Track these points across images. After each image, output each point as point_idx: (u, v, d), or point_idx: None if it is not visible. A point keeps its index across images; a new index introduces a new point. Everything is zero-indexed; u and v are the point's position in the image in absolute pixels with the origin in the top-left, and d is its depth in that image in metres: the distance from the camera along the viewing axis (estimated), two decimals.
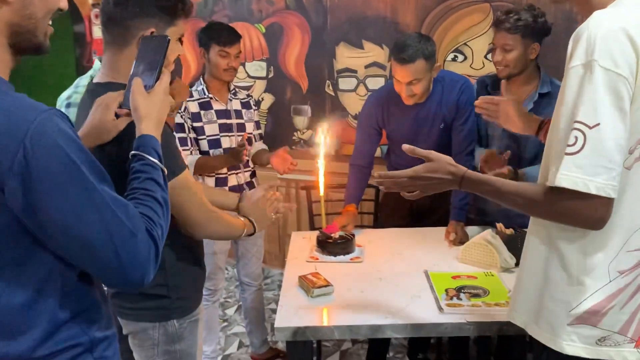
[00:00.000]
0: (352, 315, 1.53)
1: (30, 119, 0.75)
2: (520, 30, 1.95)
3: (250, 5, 3.41)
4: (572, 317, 1.07)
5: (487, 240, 1.84)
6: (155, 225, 0.89)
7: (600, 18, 0.98)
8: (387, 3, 3.03)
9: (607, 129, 0.95)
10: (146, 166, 0.95)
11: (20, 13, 0.82)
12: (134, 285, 0.85)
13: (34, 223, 0.78)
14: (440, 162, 1.20)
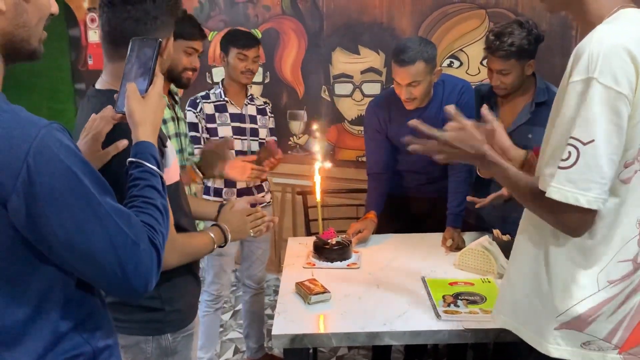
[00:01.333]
0: (349, 322, 1.53)
1: (32, 136, 0.75)
2: (515, 55, 1.92)
3: (246, 10, 3.41)
4: (558, 322, 1.09)
5: (484, 247, 1.84)
6: (157, 233, 0.88)
7: (602, 35, 0.99)
8: (383, 9, 3.04)
9: (601, 145, 0.97)
10: (145, 173, 0.95)
11: (13, 22, 0.81)
12: (138, 294, 0.85)
13: (38, 238, 0.78)
14: (470, 134, 1.19)
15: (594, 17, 1.07)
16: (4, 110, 0.77)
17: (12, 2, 0.80)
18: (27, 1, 0.82)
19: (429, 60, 2.02)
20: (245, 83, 2.43)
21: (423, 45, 2.03)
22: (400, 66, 2.01)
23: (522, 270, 1.19)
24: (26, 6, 0.82)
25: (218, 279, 2.48)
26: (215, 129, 2.41)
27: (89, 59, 4.00)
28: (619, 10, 1.05)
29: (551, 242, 1.11)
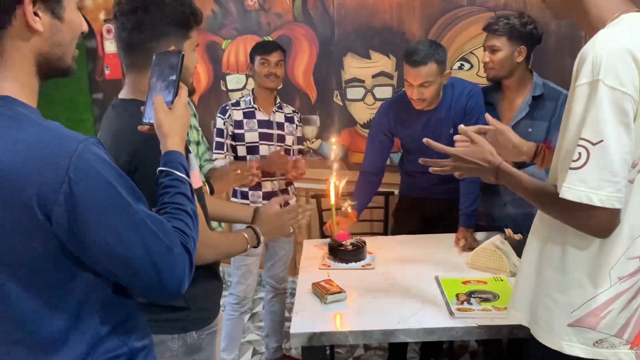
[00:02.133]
0: (365, 320, 1.57)
1: (71, 151, 0.80)
2: (507, 33, 2.06)
3: (258, 18, 3.47)
4: (572, 318, 1.12)
5: (496, 246, 1.87)
6: (189, 237, 0.93)
7: (605, 38, 1.03)
8: (393, 13, 3.09)
9: (611, 145, 1.00)
10: (175, 181, 0.99)
11: (49, 41, 0.86)
12: (172, 296, 0.90)
13: (79, 246, 0.83)
14: (481, 148, 1.26)
15: (597, 21, 1.10)
16: (44, 127, 0.82)
17: (49, 23, 0.85)
18: (61, 21, 0.87)
19: (440, 62, 2.09)
20: (270, 87, 2.55)
21: (434, 47, 2.10)
22: (412, 67, 2.08)
23: (535, 268, 1.21)
24: (61, 26, 0.87)
25: (244, 280, 2.57)
26: (243, 134, 2.53)
27: (105, 69, 4.09)
28: (621, 15, 1.08)
29: (566, 241, 1.13)
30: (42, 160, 0.78)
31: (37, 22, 0.83)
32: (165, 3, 1.24)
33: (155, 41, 1.23)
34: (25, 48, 0.85)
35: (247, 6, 3.49)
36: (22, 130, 0.80)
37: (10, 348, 0.87)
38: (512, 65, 2.11)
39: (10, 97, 0.84)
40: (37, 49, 0.86)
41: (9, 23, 0.82)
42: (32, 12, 0.82)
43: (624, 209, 1.07)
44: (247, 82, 3.57)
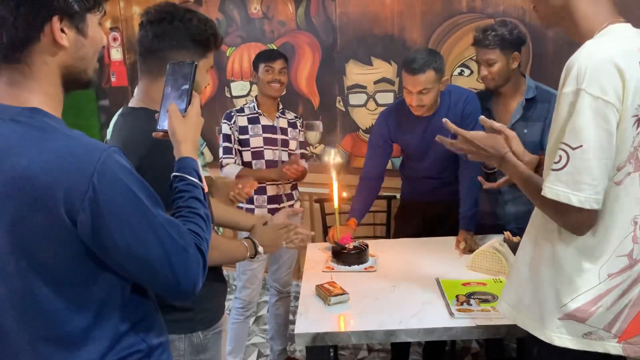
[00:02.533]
0: (367, 321, 1.62)
1: (95, 159, 0.85)
2: (499, 44, 2.12)
3: (262, 26, 3.54)
4: (562, 312, 1.17)
5: (495, 248, 1.91)
6: (202, 239, 0.99)
7: (591, 48, 1.08)
8: (394, 21, 3.14)
9: (590, 150, 1.06)
10: (188, 186, 1.05)
11: (74, 55, 0.92)
12: (188, 296, 0.95)
13: (102, 249, 0.88)
14: (493, 137, 1.34)
15: (586, 32, 1.16)
16: (70, 137, 0.88)
17: (74, 39, 0.91)
18: (85, 37, 0.93)
19: (437, 69, 2.16)
20: (273, 94, 2.61)
21: (432, 55, 2.17)
22: (411, 75, 2.15)
23: (529, 265, 1.27)
24: (85, 41, 0.93)
25: (250, 284, 2.61)
26: (248, 139, 2.59)
27: (112, 77, 4.16)
28: (608, 26, 1.14)
29: (559, 239, 1.19)
30: (69, 168, 0.84)
31: (63, 38, 0.89)
32: (190, 20, 1.30)
33: (173, 52, 1.29)
34: (52, 62, 0.90)
35: (251, 14, 3.55)
36: (49, 140, 0.86)
37: (36, 344, 0.92)
38: (508, 73, 2.18)
39: (38, 109, 0.89)
40: (62, 63, 0.91)
41: (38, 39, 0.88)
42: (60, 28, 0.88)
43: (614, 208, 1.12)
44: (251, 89, 3.63)
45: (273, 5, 3.47)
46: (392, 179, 3.03)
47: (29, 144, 0.85)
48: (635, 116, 1.08)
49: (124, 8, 4.04)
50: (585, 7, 1.16)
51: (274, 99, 2.65)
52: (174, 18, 1.29)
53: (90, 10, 0.93)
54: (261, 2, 3.50)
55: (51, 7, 0.87)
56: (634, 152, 1.11)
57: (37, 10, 0.86)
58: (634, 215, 1.15)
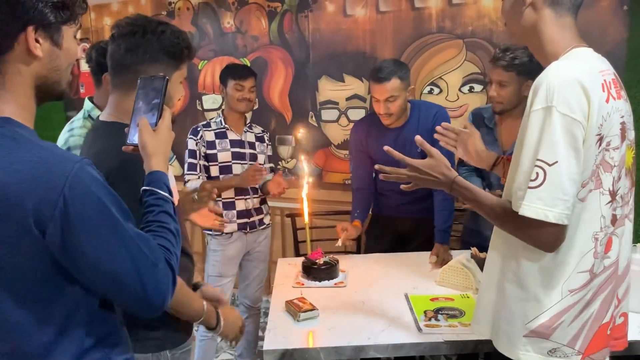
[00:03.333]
0: (336, 337, 1.62)
1: (67, 170, 0.84)
2: (516, 68, 2.05)
3: (235, 40, 3.55)
4: (527, 329, 1.19)
5: (463, 264, 1.94)
6: (172, 254, 0.98)
7: (557, 69, 1.12)
8: (366, 39, 3.20)
9: (562, 166, 1.08)
10: (159, 200, 1.04)
11: (48, 66, 0.91)
12: (156, 311, 0.94)
13: (71, 261, 0.87)
14: (438, 162, 1.33)
15: (550, 54, 1.21)
16: (42, 147, 0.86)
17: (48, 49, 0.90)
18: (60, 48, 0.92)
19: (403, 77, 2.23)
20: (242, 111, 2.61)
21: (397, 65, 2.25)
22: (377, 83, 2.22)
23: (494, 282, 1.29)
24: (59, 52, 0.92)
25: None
26: (216, 154, 2.57)
27: (80, 88, 4.10)
28: (572, 49, 1.19)
29: (523, 256, 1.21)
30: (40, 178, 0.83)
31: (37, 48, 0.88)
32: (163, 32, 1.28)
33: (146, 65, 1.27)
34: (26, 72, 0.90)
35: (224, 28, 3.56)
36: (21, 150, 0.85)
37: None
38: (519, 99, 2.11)
39: (10, 119, 0.88)
40: (36, 73, 0.91)
41: (12, 48, 0.87)
42: (34, 39, 0.88)
43: (576, 225, 1.16)
44: (223, 102, 3.62)
45: (246, 20, 3.49)
46: None
47: (0, 154, 0.84)
48: (598, 135, 1.12)
49: (94, 19, 4.00)
50: (552, 31, 1.21)
51: (242, 113, 2.65)
52: (146, 31, 1.27)
53: (66, 22, 0.92)
54: (234, 17, 3.52)
55: (26, 17, 0.87)
56: (595, 170, 1.15)
57: (11, 20, 0.86)
58: (595, 232, 1.18)
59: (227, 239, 2.59)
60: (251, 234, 2.66)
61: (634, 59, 2.66)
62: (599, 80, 1.14)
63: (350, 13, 3.21)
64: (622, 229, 1.24)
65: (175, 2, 3.67)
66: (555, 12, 1.21)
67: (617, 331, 1.28)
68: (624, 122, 1.19)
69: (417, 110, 2.36)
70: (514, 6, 1.26)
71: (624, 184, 1.22)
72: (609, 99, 1.14)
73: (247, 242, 2.66)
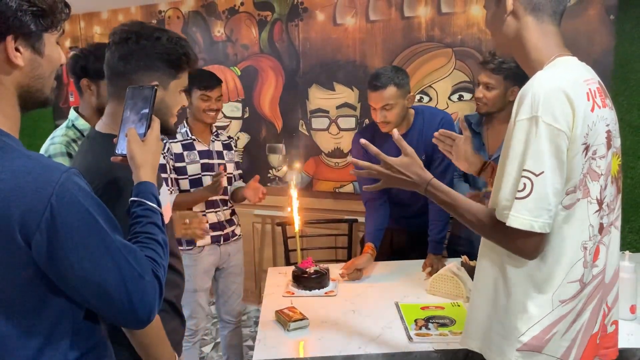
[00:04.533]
0: (327, 346, 1.61)
1: (54, 180, 0.83)
2: (503, 72, 2.13)
3: (225, 49, 3.55)
4: (520, 343, 1.18)
5: (453, 272, 1.94)
6: (159, 266, 0.97)
7: (542, 78, 1.13)
8: (356, 48, 3.21)
9: (548, 177, 1.08)
10: (146, 211, 1.03)
11: (29, 75, 0.90)
12: (142, 323, 0.93)
13: (56, 272, 0.85)
14: (412, 161, 1.31)
15: (535, 63, 1.21)
16: (28, 157, 0.85)
17: (29, 58, 0.89)
18: (41, 56, 0.91)
19: (400, 85, 2.17)
20: (209, 122, 2.48)
21: (394, 72, 2.20)
22: (373, 91, 2.18)
23: (484, 294, 1.28)
24: (41, 60, 0.91)
25: (195, 314, 2.50)
26: (185, 167, 2.43)
27: (70, 96, 4.08)
28: (556, 58, 1.19)
29: (510, 266, 1.20)
30: (26, 188, 0.82)
31: (18, 57, 0.87)
32: (159, 39, 1.23)
33: (141, 73, 1.22)
34: (7, 81, 0.89)
35: (215, 37, 3.56)
36: (6, 159, 0.84)
37: None
38: (504, 103, 2.18)
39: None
40: (18, 82, 0.90)
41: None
42: (14, 47, 0.87)
43: (564, 235, 1.15)
44: None
45: (237, 29, 3.50)
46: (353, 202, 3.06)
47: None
48: (584, 144, 1.12)
49: (84, 28, 3.99)
50: (535, 38, 1.21)
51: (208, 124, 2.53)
52: (140, 37, 1.22)
53: (47, 29, 0.91)
54: (225, 25, 3.52)
55: (5, 26, 0.85)
56: (582, 179, 1.15)
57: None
58: (583, 241, 1.18)
59: (199, 252, 2.48)
60: (224, 246, 2.56)
61: (621, 68, 2.69)
62: (584, 89, 1.15)
63: (340, 22, 3.22)
64: (609, 237, 1.24)
65: (166, 10, 3.67)
66: (537, 19, 1.22)
67: (608, 340, 1.27)
68: (609, 131, 1.20)
69: (421, 117, 2.33)
70: (496, 16, 1.26)
71: (610, 192, 1.23)
72: (594, 107, 1.15)
73: (220, 254, 2.55)
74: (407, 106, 2.26)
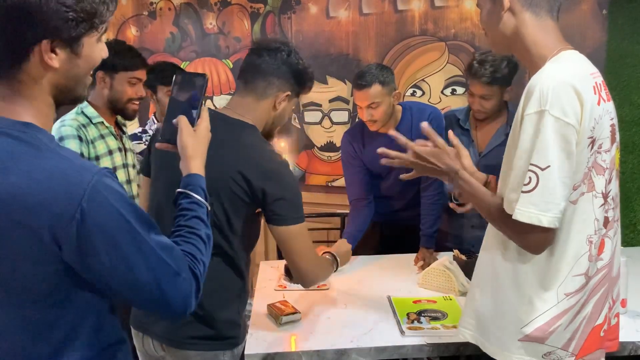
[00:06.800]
0: (319, 340, 1.60)
1: (86, 182, 0.82)
2: (498, 81, 2.08)
3: (217, 41, 3.52)
4: (522, 333, 1.18)
5: (445, 266, 1.94)
6: (198, 262, 0.95)
7: (550, 72, 1.12)
8: (349, 41, 3.20)
9: (555, 170, 1.08)
10: (192, 204, 1.01)
11: (65, 75, 0.87)
12: (178, 317, 0.93)
13: (88, 272, 0.85)
14: (442, 151, 1.30)
15: (537, 58, 1.20)
16: (62, 157, 0.83)
17: (66, 58, 0.86)
18: (79, 57, 0.87)
19: (385, 82, 2.16)
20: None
21: (379, 69, 2.19)
22: (358, 89, 2.17)
23: (487, 286, 1.27)
24: (78, 61, 0.87)
25: None
26: None
27: None
28: (560, 52, 1.18)
29: (517, 259, 1.20)
30: (58, 189, 0.80)
31: (53, 59, 0.84)
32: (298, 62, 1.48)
33: (282, 80, 1.45)
34: (43, 80, 0.86)
35: (206, 29, 3.53)
36: (40, 158, 0.82)
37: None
38: (500, 105, 2.18)
39: (31, 124, 0.85)
40: (53, 81, 0.87)
41: (27, 58, 0.83)
42: (50, 50, 0.83)
43: (571, 229, 1.16)
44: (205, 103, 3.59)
45: (229, 21, 3.47)
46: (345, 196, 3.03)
47: (19, 160, 0.81)
48: (590, 138, 1.12)
49: None
50: (534, 33, 1.20)
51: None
52: (288, 54, 1.46)
53: (87, 33, 0.87)
54: (217, 18, 3.49)
55: (41, 30, 0.82)
56: (587, 173, 1.15)
57: (25, 32, 0.81)
58: (589, 235, 1.18)
59: None
60: None
61: (613, 62, 2.70)
62: (591, 82, 1.14)
63: (333, 15, 3.20)
64: (614, 230, 1.24)
65: (157, 2, 3.63)
66: (535, 14, 1.20)
67: (611, 332, 1.28)
68: (613, 125, 1.20)
69: (409, 113, 2.32)
70: (492, 13, 1.24)
71: (615, 186, 1.23)
72: (600, 101, 1.15)
73: None
74: (394, 103, 2.25)
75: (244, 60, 1.47)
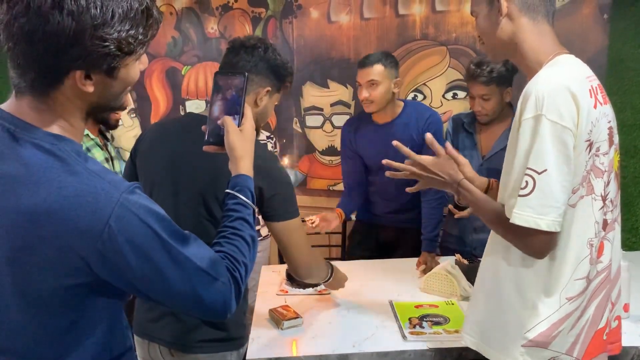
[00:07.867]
0: (320, 345, 1.60)
1: (114, 200, 0.81)
2: (495, 81, 2.11)
3: (219, 45, 3.52)
4: (525, 339, 1.18)
5: (447, 271, 1.94)
6: (239, 264, 0.95)
7: (546, 77, 1.12)
8: (350, 45, 3.20)
9: (553, 174, 1.08)
10: (239, 205, 1.01)
11: (99, 95, 0.86)
12: (219, 319, 0.95)
13: (127, 286, 0.86)
14: (444, 162, 1.31)
15: (534, 63, 1.21)
16: (91, 173, 0.83)
17: (99, 81, 0.84)
18: (114, 79, 0.86)
19: (387, 65, 2.23)
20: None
21: (383, 54, 2.28)
22: (361, 68, 2.25)
23: (489, 291, 1.27)
24: (113, 82, 0.86)
25: None
26: None
27: None
28: (556, 57, 1.19)
29: (520, 264, 1.20)
30: (86, 207, 0.80)
31: (88, 85, 0.83)
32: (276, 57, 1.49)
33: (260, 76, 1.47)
34: (76, 100, 0.85)
35: (208, 34, 3.53)
36: (70, 173, 0.81)
37: None
38: (502, 106, 2.20)
39: (63, 137, 0.85)
40: (88, 102, 0.87)
41: (60, 83, 0.82)
42: (84, 76, 0.82)
43: (570, 232, 1.16)
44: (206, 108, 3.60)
45: (230, 26, 3.47)
46: None
47: (49, 175, 0.81)
48: (587, 141, 1.12)
49: None
50: (531, 39, 1.21)
51: None
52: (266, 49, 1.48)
53: (124, 60, 0.85)
54: (218, 22, 3.50)
55: (77, 62, 0.80)
56: (586, 176, 1.15)
57: (59, 61, 0.80)
58: (589, 238, 1.18)
59: None
60: None
61: (614, 66, 2.70)
62: (587, 86, 1.15)
63: (334, 19, 3.21)
64: (613, 233, 1.24)
65: (159, 6, 3.63)
66: (532, 19, 1.21)
67: (613, 335, 1.28)
68: (611, 127, 1.20)
69: (408, 110, 2.35)
70: (489, 19, 1.25)
71: (613, 188, 1.23)
72: (597, 104, 1.15)
73: None
74: (394, 90, 2.28)
75: (222, 60, 1.48)
